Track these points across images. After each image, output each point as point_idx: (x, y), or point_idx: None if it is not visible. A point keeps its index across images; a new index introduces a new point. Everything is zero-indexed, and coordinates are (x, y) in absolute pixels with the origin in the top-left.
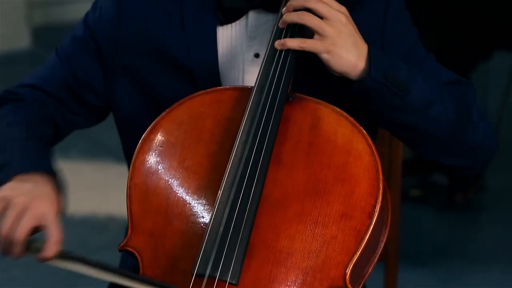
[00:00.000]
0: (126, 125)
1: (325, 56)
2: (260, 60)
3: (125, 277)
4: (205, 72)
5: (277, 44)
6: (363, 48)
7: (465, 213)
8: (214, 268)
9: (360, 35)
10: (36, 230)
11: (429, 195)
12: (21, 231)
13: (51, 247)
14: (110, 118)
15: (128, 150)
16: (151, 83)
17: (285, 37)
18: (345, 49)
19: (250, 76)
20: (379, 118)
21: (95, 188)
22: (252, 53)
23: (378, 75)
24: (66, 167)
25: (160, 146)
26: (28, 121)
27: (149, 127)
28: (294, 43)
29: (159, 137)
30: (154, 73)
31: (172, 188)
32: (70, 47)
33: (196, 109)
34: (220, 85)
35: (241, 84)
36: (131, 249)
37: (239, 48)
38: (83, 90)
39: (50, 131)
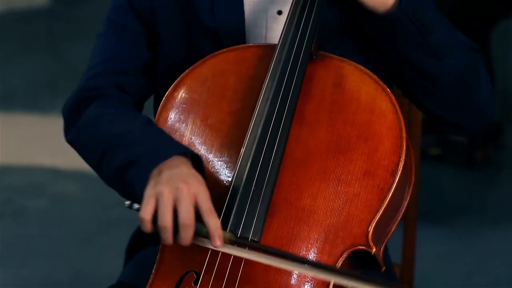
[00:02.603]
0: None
1: None
2: (283, 17)
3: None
4: (231, 32)
5: None
6: None
7: (484, 171)
8: (236, 225)
9: None
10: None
11: (448, 154)
12: (185, 214)
13: (212, 222)
14: None
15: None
16: (182, 45)
17: None
18: None
19: (273, 34)
20: (398, 59)
21: None
22: (275, 10)
23: (407, 9)
24: None
25: (184, 104)
26: (124, 110)
27: (173, 84)
28: None
29: (182, 95)
30: (185, 35)
31: (195, 145)
32: (119, 17)
33: (219, 66)
34: (245, 43)
35: (264, 42)
36: None
37: (262, 5)
38: (146, 54)
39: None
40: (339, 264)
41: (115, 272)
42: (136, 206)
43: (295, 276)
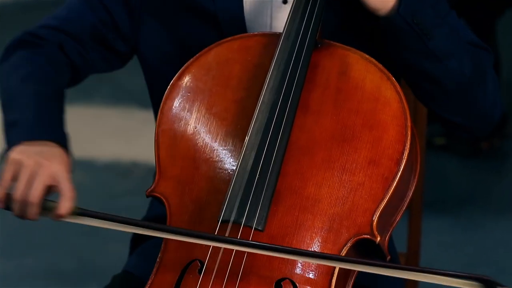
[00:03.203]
0: (154, 73)
1: None
2: (288, 6)
3: (136, 226)
4: (229, 18)
5: None
6: None
7: (489, 161)
8: (240, 214)
9: None
10: (49, 190)
11: (453, 144)
12: (36, 191)
13: (65, 203)
14: (134, 63)
15: (155, 98)
16: (176, 31)
17: None
18: None
19: (278, 22)
20: (398, 61)
21: (119, 134)
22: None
23: (406, 14)
24: (89, 113)
25: (188, 92)
26: (44, 72)
27: (178, 73)
28: None
29: (187, 83)
30: (179, 20)
31: (199, 134)
32: None
33: (224, 55)
34: (245, 31)
35: (269, 31)
36: (158, 195)
37: None
38: (110, 35)
39: (67, 76)
40: (343, 253)
41: (120, 261)
42: None
43: (299, 264)
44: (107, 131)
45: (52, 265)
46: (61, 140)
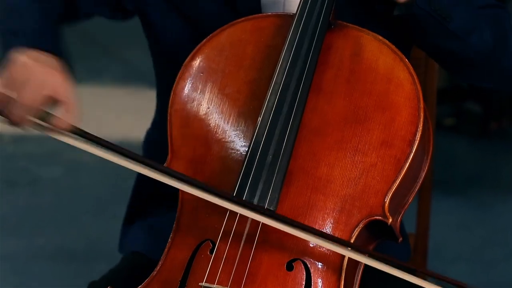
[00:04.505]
0: (166, 54)
1: None
2: None
3: (137, 162)
4: None
5: None
6: None
7: (498, 142)
8: (252, 194)
9: None
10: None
11: (462, 124)
12: (37, 95)
13: (67, 115)
14: (144, 42)
15: (164, 78)
16: (190, 10)
17: None
18: None
19: (292, 3)
20: (421, 44)
21: (129, 113)
22: None
23: (423, 3)
24: (98, 92)
25: (201, 73)
26: None
27: (191, 53)
28: None
29: (200, 64)
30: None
31: (212, 114)
32: None
33: (237, 35)
34: (261, 12)
35: (282, 11)
36: None
37: None
38: None
39: (61, 10)
40: (355, 234)
41: None
42: None
43: (311, 245)
44: (117, 110)
45: (61, 245)
46: (65, 58)
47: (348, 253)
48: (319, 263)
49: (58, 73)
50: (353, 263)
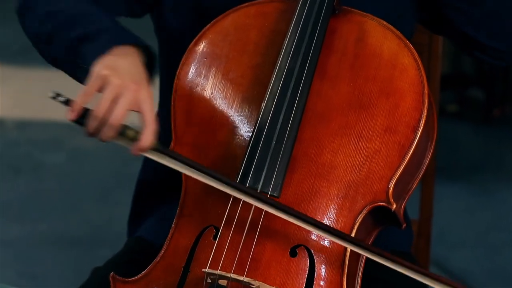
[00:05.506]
0: (169, 36)
1: None
2: None
3: (214, 178)
4: None
5: None
6: None
7: (501, 128)
8: (256, 180)
9: None
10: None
11: (466, 111)
12: (119, 112)
13: (148, 136)
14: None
15: (168, 62)
16: None
17: None
18: None
19: None
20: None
21: None
22: None
23: None
24: None
25: (205, 58)
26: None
27: (195, 38)
28: None
29: (204, 49)
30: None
31: (216, 99)
32: None
33: (241, 20)
34: None
35: None
36: None
37: None
38: None
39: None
40: (359, 220)
41: None
42: (61, 98)
43: (314, 232)
44: None
45: (64, 231)
46: (148, 46)
47: (350, 246)
48: (323, 250)
49: (143, 88)
50: (356, 252)
